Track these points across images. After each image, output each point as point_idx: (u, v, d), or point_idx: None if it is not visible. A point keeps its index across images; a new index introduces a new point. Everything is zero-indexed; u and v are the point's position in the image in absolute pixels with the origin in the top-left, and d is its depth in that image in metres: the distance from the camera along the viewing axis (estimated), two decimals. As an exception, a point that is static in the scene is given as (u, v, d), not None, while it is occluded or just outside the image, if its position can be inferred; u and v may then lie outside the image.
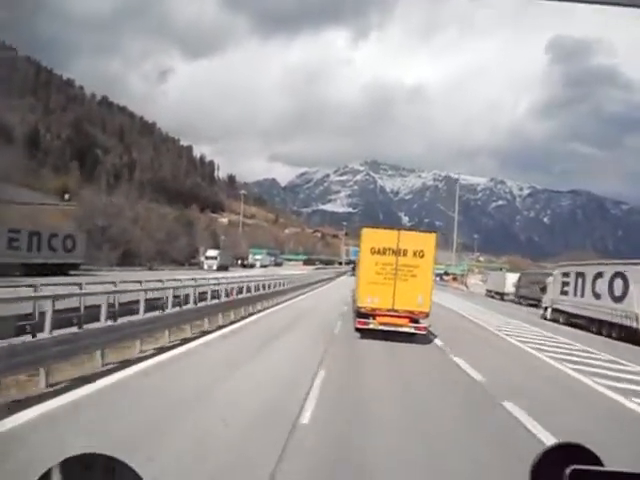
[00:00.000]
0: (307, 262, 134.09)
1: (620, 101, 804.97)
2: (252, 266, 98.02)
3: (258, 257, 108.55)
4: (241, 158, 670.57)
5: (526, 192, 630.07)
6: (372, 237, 17.23)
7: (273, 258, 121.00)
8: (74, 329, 10.51)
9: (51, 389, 8.27)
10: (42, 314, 9.92)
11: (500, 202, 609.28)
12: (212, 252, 78.00)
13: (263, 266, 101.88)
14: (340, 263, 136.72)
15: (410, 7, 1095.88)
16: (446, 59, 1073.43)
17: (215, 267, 72.56)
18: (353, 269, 64.25)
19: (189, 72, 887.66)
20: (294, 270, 74.17)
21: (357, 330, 17.17)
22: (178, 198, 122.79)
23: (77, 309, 12.05)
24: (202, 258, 76.62)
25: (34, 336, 9.40)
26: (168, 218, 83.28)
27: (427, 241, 17.00)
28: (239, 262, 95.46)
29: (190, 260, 77.72)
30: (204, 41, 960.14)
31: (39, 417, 6.92)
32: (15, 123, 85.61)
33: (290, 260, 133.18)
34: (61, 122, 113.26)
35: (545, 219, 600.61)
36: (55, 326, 9.69)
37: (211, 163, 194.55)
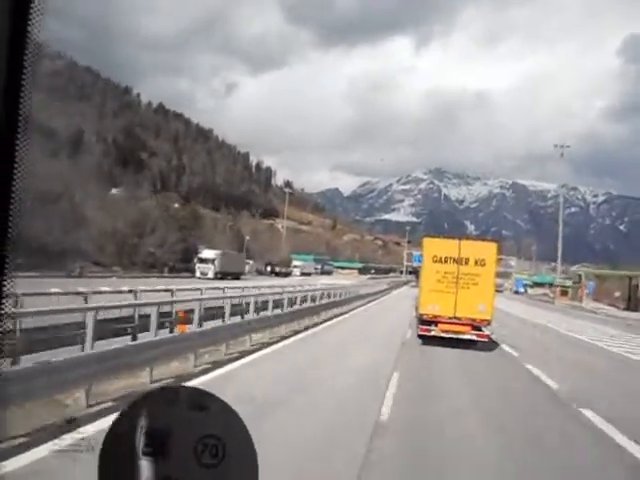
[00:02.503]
0: (362, 271, 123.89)
1: None
2: (287, 274, 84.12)
3: (298, 263, 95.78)
4: (305, 169, 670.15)
5: (601, 198, 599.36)
6: (434, 246, 17.60)
7: (320, 265, 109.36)
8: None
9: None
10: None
11: (573, 209, 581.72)
12: (208, 253, 59.10)
13: (305, 274, 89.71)
14: (401, 272, 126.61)
15: (473, 14, 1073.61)
16: (511, 65, 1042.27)
17: (211, 274, 55.92)
18: (417, 278, 53.92)
19: (254, 86, 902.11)
20: (341, 280, 61.02)
21: (419, 337, 17.36)
22: (229, 203, 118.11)
23: None
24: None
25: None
26: (144, 206, 63.54)
27: (488, 250, 17.31)
28: (268, 269, 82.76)
29: (179, 265, 60.95)
30: (269, 55, 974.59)
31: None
32: (60, 127, 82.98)
33: (344, 268, 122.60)
34: (111, 127, 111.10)
35: (622, 227, 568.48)
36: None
37: (268, 169, 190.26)
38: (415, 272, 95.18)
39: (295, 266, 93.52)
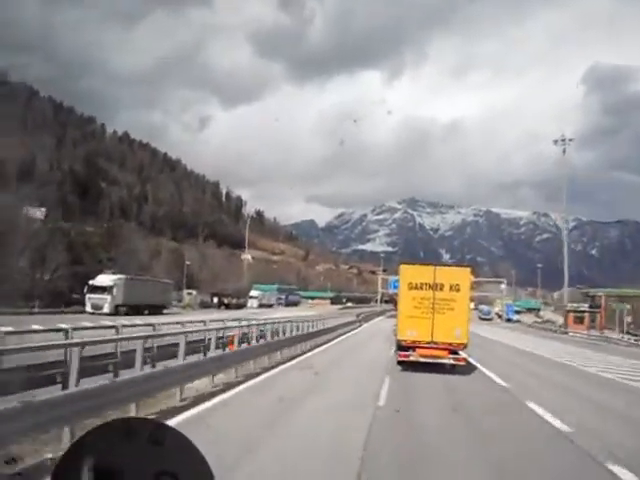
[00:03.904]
0: (334, 300, 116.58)
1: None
2: (240, 306, 73.64)
3: (255, 293, 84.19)
4: (279, 201, 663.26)
5: (572, 224, 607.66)
6: (410, 273, 18.03)
7: (283, 296, 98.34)
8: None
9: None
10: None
11: (545, 235, 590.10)
12: (103, 279, 45.78)
13: (264, 306, 79.88)
14: (377, 301, 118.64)
15: (443, 47, 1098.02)
16: (481, 96, 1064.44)
17: (107, 308, 43.40)
18: (395, 307, 47.01)
19: (227, 120, 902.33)
20: (305, 312, 52.94)
21: (399, 363, 17.73)
22: (195, 233, 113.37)
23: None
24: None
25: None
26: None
27: (462, 275, 17.83)
28: (215, 300, 72.90)
29: (75, 296, 48.09)
30: (241, 89, 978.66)
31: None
32: (11, 158, 77.83)
33: (313, 298, 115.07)
34: (71, 157, 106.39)
35: (593, 251, 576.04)
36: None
37: (238, 199, 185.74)
38: (392, 300, 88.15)
39: (252, 297, 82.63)
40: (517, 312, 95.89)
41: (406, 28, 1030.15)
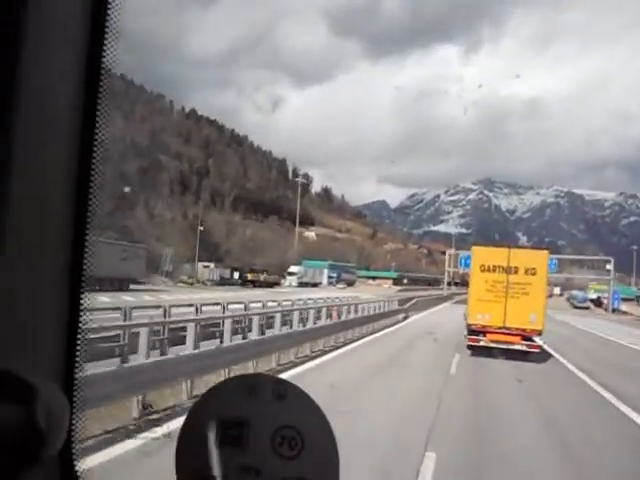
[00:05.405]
0: (397, 281, 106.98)
1: None
2: (271, 284, 62.73)
3: (295, 269, 72.50)
4: (351, 181, 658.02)
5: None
6: (482, 255, 17.57)
7: (335, 274, 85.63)
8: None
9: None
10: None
11: (632, 218, 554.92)
12: None
13: (307, 284, 68.77)
14: (449, 284, 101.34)
15: (524, 18, 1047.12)
16: (565, 70, 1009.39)
17: None
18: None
19: (300, 100, 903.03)
20: (346, 293, 43.41)
21: (469, 347, 17.43)
22: (259, 208, 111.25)
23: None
24: None
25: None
26: None
27: (539, 258, 17.10)
28: (235, 276, 62.98)
29: None
30: (314, 69, 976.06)
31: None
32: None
33: (374, 278, 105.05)
34: (137, 131, 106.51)
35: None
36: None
37: (305, 176, 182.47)
38: (464, 282, 78.17)
39: (290, 273, 71.30)
40: (625, 299, 79.81)
41: None
